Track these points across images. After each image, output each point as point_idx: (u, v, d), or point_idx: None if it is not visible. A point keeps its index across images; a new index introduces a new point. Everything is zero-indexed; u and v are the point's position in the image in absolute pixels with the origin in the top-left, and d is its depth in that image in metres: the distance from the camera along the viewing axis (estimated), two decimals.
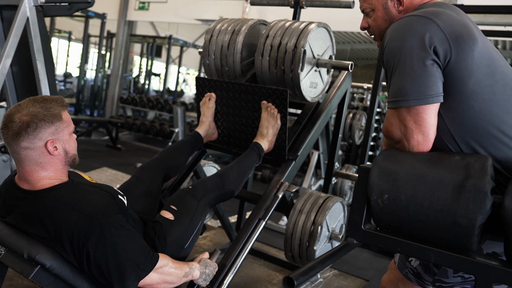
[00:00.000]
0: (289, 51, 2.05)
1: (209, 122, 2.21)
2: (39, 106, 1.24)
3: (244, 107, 2.12)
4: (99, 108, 8.60)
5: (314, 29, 2.08)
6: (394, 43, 1.12)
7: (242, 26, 2.28)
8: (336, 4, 2.40)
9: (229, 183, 1.85)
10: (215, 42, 2.31)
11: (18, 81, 2.68)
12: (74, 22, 10.76)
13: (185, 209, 1.65)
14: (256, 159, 2.01)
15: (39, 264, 1.17)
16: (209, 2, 6.97)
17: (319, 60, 2.16)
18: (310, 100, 2.23)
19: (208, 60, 2.36)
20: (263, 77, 2.19)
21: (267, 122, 2.05)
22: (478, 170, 0.98)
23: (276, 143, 2.08)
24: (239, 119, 2.16)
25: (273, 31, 2.14)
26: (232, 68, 2.29)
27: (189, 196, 1.70)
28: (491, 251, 1.12)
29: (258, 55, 2.15)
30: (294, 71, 2.05)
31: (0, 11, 2.57)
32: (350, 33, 10.66)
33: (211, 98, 2.20)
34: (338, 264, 2.91)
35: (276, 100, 2.02)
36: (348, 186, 3.79)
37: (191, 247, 1.64)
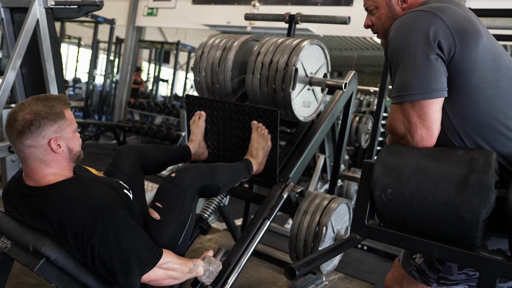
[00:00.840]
0: (280, 69, 1.97)
1: (198, 141, 2.13)
2: (42, 105, 1.26)
3: (234, 126, 2.04)
4: (107, 113, 8.67)
5: (307, 46, 2.00)
6: (399, 38, 1.12)
7: (234, 42, 2.21)
8: (331, 20, 2.31)
9: (218, 178, 1.70)
10: (206, 58, 2.24)
11: (27, 83, 2.71)
12: (83, 28, 10.90)
13: (171, 205, 1.52)
14: (245, 172, 1.90)
15: (44, 256, 1.18)
16: (217, 8, 7.03)
17: (312, 79, 2.07)
18: (302, 120, 2.14)
19: (198, 77, 2.29)
20: (254, 96, 2.11)
21: (257, 143, 1.96)
22: (482, 164, 0.98)
23: (266, 165, 2.00)
24: (230, 138, 2.08)
25: (265, 48, 2.07)
26: (223, 85, 2.22)
27: (173, 187, 1.54)
28: (496, 247, 1.11)
29: (248, 73, 2.07)
30: (285, 90, 1.97)
31: (10, 13, 2.62)
32: (357, 40, 10.67)
33: (201, 116, 2.11)
34: (343, 268, 2.89)
35: (267, 120, 1.94)
36: (354, 189, 3.77)
37: (186, 243, 1.57)
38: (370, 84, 5.99)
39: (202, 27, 7.38)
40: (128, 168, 1.70)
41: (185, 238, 1.55)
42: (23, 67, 2.63)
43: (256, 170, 1.97)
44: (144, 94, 9.68)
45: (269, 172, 2.02)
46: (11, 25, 2.64)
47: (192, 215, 1.57)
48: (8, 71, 2.41)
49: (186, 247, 1.59)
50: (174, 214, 1.51)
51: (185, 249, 1.59)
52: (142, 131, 6.78)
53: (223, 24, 6.96)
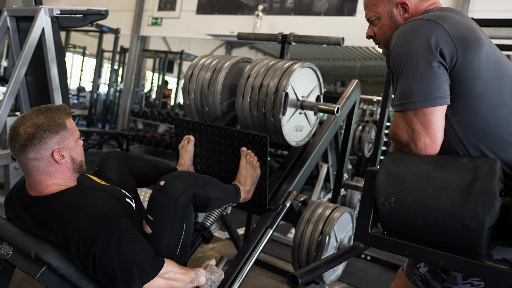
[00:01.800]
0: (270, 93, 1.90)
1: (187, 166, 2.05)
2: (42, 117, 1.26)
3: (223, 151, 1.98)
4: (110, 121, 8.71)
5: (298, 69, 1.92)
6: (400, 47, 1.12)
7: (224, 63, 2.14)
8: (324, 40, 2.23)
9: (210, 190, 1.57)
10: (196, 80, 2.17)
11: (32, 91, 2.73)
12: (88, 37, 10.99)
13: (162, 217, 1.42)
14: (234, 196, 1.79)
15: (46, 264, 1.18)
16: (220, 18, 7.09)
17: (304, 102, 2.00)
18: (294, 145, 2.06)
19: (188, 100, 2.22)
20: (244, 120, 2.04)
21: (245, 171, 1.87)
22: (487, 172, 0.97)
23: (256, 192, 1.92)
24: (218, 163, 2.01)
25: (256, 70, 1.99)
26: (213, 108, 2.14)
27: (163, 198, 1.42)
28: (501, 257, 1.10)
29: (238, 96, 2.00)
30: (275, 115, 1.90)
31: (16, 22, 2.65)
32: (360, 50, 10.71)
33: (189, 141, 2.05)
34: (346, 278, 2.86)
35: (256, 146, 1.88)
36: (357, 199, 3.75)
37: (185, 252, 1.50)
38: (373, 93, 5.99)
39: (206, 37, 7.44)
40: (115, 175, 1.63)
41: (182, 249, 1.48)
42: (28, 75, 2.66)
43: (244, 198, 1.87)
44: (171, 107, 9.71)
45: (259, 200, 1.94)
46: (17, 34, 2.67)
47: (187, 225, 1.47)
48: (13, 79, 2.43)
49: (187, 257, 1.54)
50: (166, 227, 1.42)
51: (186, 259, 1.54)
52: (145, 140, 6.80)
53: (226, 33, 7.01)
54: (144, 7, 8.10)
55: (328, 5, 6.02)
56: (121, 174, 1.65)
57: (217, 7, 7.11)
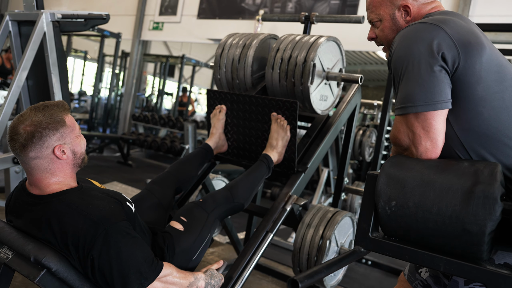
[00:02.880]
0: (299, 64, 2.07)
1: (219, 134, 2.22)
2: (41, 115, 1.24)
3: (254, 119, 2.13)
4: (111, 125, 8.72)
5: (324, 42, 2.10)
6: (402, 50, 1.12)
7: (253, 40, 2.31)
8: (346, 19, 2.43)
9: (239, 197, 1.85)
10: (226, 55, 2.35)
11: (33, 95, 2.74)
12: (90, 42, 11.04)
13: (195, 221, 1.65)
14: (265, 171, 2.01)
15: (45, 267, 1.17)
16: (221, 22, 7.11)
17: (329, 73, 2.17)
18: (320, 113, 2.23)
19: (219, 74, 2.39)
20: (273, 90, 2.21)
21: (276, 134, 2.05)
22: (487, 176, 0.97)
23: (285, 155, 2.08)
24: (249, 131, 2.17)
25: (284, 45, 2.17)
26: (243, 81, 2.32)
27: (199, 209, 1.70)
28: (503, 261, 1.09)
29: (268, 68, 2.17)
30: (304, 84, 2.07)
31: (18, 26, 2.66)
32: (360, 54, 10.73)
33: (221, 110, 2.22)
34: (347, 283, 2.85)
35: (286, 112, 2.03)
36: (358, 203, 3.74)
37: (199, 259, 1.63)
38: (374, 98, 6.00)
39: (207, 41, 7.46)
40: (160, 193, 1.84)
41: (199, 254, 1.61)
42: (29, 79, 2.66)
43: (277, 161, 2.06)
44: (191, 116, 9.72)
45: (287, 163, 2.09)
46: (19, 38, 2.68)
47: (210, 236, 1.67)
48: (14, 83, 2.43)
49: (198, 263, 1.63)
50: (196, 229, 1.62)
51: (196, 265, 1.62)
52: (146, 144, 6.80)
53: None
54: (146, 11, 8.13)
55: (328, 9, 6.04)
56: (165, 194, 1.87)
57: (218, 11, 7.14)
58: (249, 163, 2.21)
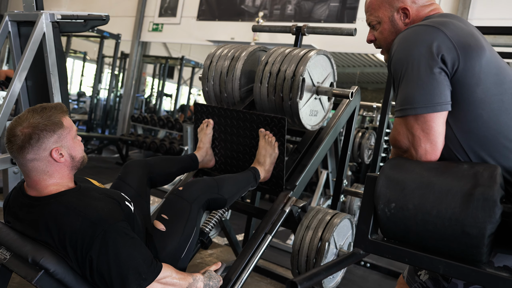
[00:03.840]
0: (288, 78, 1.99)
1: (206, 148, 2.14)
2: (38, 117, 1.25)
3: (241, 134, 2.06)
4: (110, 127, 8.71)
5: (314, 56, 2.02)
6: (402, 52, 1.12)
7: (242, 52, 2.25)
8: (337, 31, 2.35)
9: (224, 190, 1.71)
10: (215, 68, 2.28)
11: (32, 95, 2.74)
12: (89, 42, 11.04)
13: (177, 217, 1.52)
14: (252, 180, 1.91)
15: (43, 268, 1.17)
16: (221, 24, 7.12)
17: (319, 88, 2.09)
18: (310, 129, 2.14)
19: (207, 87, 2.31)
20: (261, 104, 2.12)
21: (264, 151, 1.97)
22: (487, 179, 0.96)
23: (273, 172, 2.00)
24: (237, 146, 2.09)
25: (273, 58, 2.10)
26: (231, 94, 2.24)
27: (180, 201, 1.55)
28: (502, 264, 1.09)
29: (257, 81, 2.09)
30: (292, 99, 1.99)
31: (18, 26, 2.65)
32: (359, 56, 10.74)
33: (208, 124, 2.13)
34: (346, 285, 2.85)
35: (274, 128, 1.96)
36: (357, 205, 3.74)
37: (188, 256, 1.56)
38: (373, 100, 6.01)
39: (206, 43, 7.47)
40: (135, 183, 1.71)
41: (188, 251, 1.54)
42: (28, 80, 2.66)
43: (263, 178, 1.98)
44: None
45: (275, 180, 2.03)
46: (18, 38, 2.68)
47: (196, 229, 1.57)
48: (13, 83, 2.43)
49: (188, 260, 1.58)
50: (179, 226, 1.51)
51: (187, 263, 1.56)
52: (145, 145, 6.79)
53: (227, 40, 7.04)
54: (145, 13, 8.14)
55: (328, 12, 6.05)
56: (141, 183, 1.73)
57: (218, 13, 7.15)
58: None
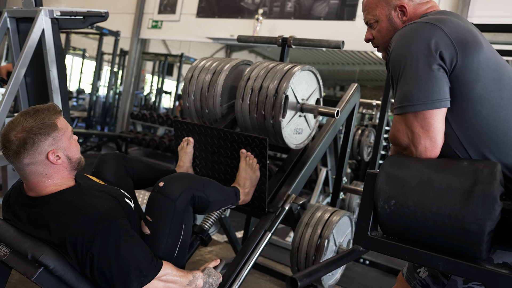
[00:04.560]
0: (270, 95, 1.89)
1: (186, 167, 2.05)
2: (32, 120, 1.23)
3: (222, 153, 1.97)
4: (109, 124, 8.70)
5: (298, 72, 1.92)
6: (400, 49, 1.12)
7: (224, 66, 2.14)
8: (324, 44, 2.23)
9: (209, 192, 1.56)
10: (196, 82, 2.17)
11: (31, 92, 2.73)
12: (88, 39, 11.01)
13: (160, 218, 1.41)
14: (233, 197, 1.77)
15: (42, 265, 1.17)
16: (220, 21, 7.10)
17: (304, 105, 1.99)
18: (294, 147, 2.06)
19: (187, 102, 2.20)
20: (243, 122, 2.03)
21: (244, 173, 1.86)
22: (487, 176, 0.96)
23: (255, 194, 1.91)
24: (218, 166, 2.01)
25: (255, 73, 1.99)
26: (212, 111, 2.14)
27: (163, 199, 1.42)
28: (501, 261, 1.09)
29: (238, 98, 2.00)
30: (275, 117, 1.89)
31: (16, 23, 2.65)
32: (359, 54, 10.73)
33: (189, 143, 2.05)
34: (345, 282, 2.85)
35: (256, 148, 1.87)
36: (356, 203, 3.74)
37: (183, 255, 1.49)
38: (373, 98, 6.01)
39: (206, 40, 7.45)
40: (113, 176, 1.62)
41: (181, 251, 1.46)
42: (27, 77, 2.65)
43: (243, 201, 1.87)
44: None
45: (258, 202, 1.92)
46: (17, 35, 2.67)
47: (186, 227, 1.46)
48: (12, 80, 2.42)
49: (185, 259, 1.53)
50: (164, 228, 1.41)
51: (184, 261, 1.53)
52: (144, 142, 6.79)
53: (226, 37, 7.02)
54: (145, 10, 8.11)
55: (328, 9, 6.04)
56: (118, 175, 1.64)
57: (217, 10, 7.13)
58: None
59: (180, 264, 1.47)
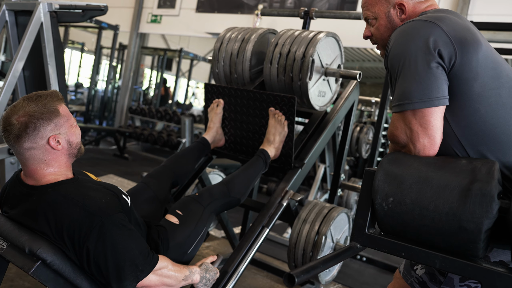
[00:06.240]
0: (298, 59, 2.06)
1: (216, 128, 2.21)
2: (34, 105, 1.22)
3: (251, 113, 2.12)
4: (108, 118, 8.68)
5: (323, 38, 2.09)
6: (399, 47, 1.12)
7: (252, 35, 2.30)
8: (345, 15, 2.44)
9: (235, 191, 1.84)
10: (225, 49, 2.33)
11: (29, 85, 2.71)
12: (87, 33, 10.96)
13: (190, 215, 1.64)
14: (262, 166, 2.01)
15: (40, 259, 1.17)
16: (220, 16, 7.08)
17: (328, 69, 2.17)
18: (318, 109, 2.22)
19: (217, 68, 2.38)
20: (271, 85, 2.19)
21: (274, 129, 2.04)
22: (485, 174, 0.97)
23: (282, 150, 2.08)
24: (247, 125, 2.16)
25: (282, 40, 2.16)
26: (241, 75, 2.31)
27: (195, 203, 1.70)
28: (498, 259, 1.10)
29: (267, 62, 2.16)
30: (302, 79, 2.06)
31: (15, 16, 2.63)
32: (358, 51, 10.72)
33: (219, 104, 2.21)
34: (342, 278, 2.86)
35: (284, 107, 2.02)
36: (354, 199, 3.75)
37: (194, 252, 1.62)
38: (372, 95, 6.01)
39: (205, 35, 7.42)
40: (156, 186, 1.83)
41: (195, 247, 1.61)
42: (25, 70, 2.64)
43: (273, 156, 2.05)
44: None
45: (285, 158, 2.08)
46: (15, 28, 2.65)
47: (205, 230, 1.66)
48: (10, 73, 2.41)
49: (193, 257, 1.62)
50: (191, 222, 1.62)
51: (191, 259, 1.61)
52: (143, 137, 6.78)
53: None
54: (144, 4, 8.07)
55: (328, 5, 6.02)
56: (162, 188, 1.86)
57: (217, 5, 7.10)
58: (246, 158, 2.20)
59: (188, 260, 1.59)
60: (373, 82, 14.46)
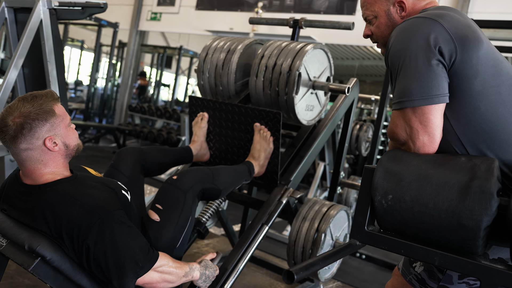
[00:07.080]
0: (284, 73, 1.97)
1: (200, 142, 2.12)
2: (29, 105, 1.22)
3: (236, 128, 2.04)
4: (108, 116, 8.67)
5: (310, 50, 2.00)
6: (399, 44, 1.12)
7: (238, 45, 2.21)
8: (335, 25, 2.33)
9: (219, 181, 1.71)
10: (210, 60, 2.25)
11: (29, 83, 2.71)
12: (87, 31, 10.93)
13: (171, 207, 1.53)
14: (246, 174, 1.91)
15: (39, 256, 1.17)
16: (220, 14, 7.07)
17: (316, 83, 2.08)
18: (305, 124, 2.14)
19: (202, 79, 2.29)
20: (257, 98, 2.11)
21: (259, 145, 1.96)
22: (484, 172, 0.97)
23: (268, 167, 2.00)
24: (231, 140, 2.08)
25: (269, 51, 2.07)
26: (226, 88, 2.22)
27: (174, 190, 1.55)
28: (497, 256, 1.10)
29: (252, 75, 2.07)
30: (288, 94, 1.98)
31: (14, 13, 2.62)
32: (358, 49, 10.70)
33: (203, 117, 2.11)
34: (341, 276, 2.87)
35: (269, 122, 1.95)
36: (353, 197, 3.76)
37: (184, 246, 1.57)
38: (371, 93, 6.00)
39: (205, 33, 7.42)
40: (128, 170, 1.70)
41: (183, 241, 1.55)
42: (25, 67, 2.63)
43: (258, 173, 1.97)
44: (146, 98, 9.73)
45: (270, 175, 2.01)
46: (15, 25, 2.65)
47: (191, 218, 1.57)
48: (10, 70, 2.40)
49: (184, 250, 1.59)
50: (174, 216, 1.51)
51: (183, 252, 1.58)
52: (142, 135, 6.77)
53: (225, 30, 6.99)
54: (144, 1, 8.06)
55: (328, 3, 6.02)
56: (134, 171, 1.73)
57: (217, 3, 7.09)
58: None
59: (179, 255, 1.52)
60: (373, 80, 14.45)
